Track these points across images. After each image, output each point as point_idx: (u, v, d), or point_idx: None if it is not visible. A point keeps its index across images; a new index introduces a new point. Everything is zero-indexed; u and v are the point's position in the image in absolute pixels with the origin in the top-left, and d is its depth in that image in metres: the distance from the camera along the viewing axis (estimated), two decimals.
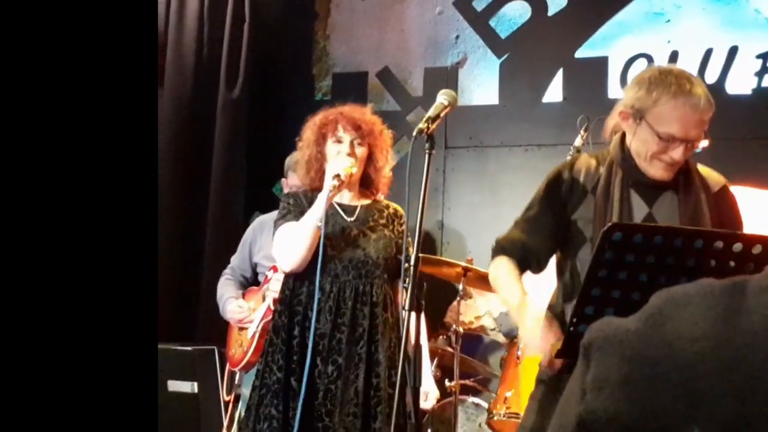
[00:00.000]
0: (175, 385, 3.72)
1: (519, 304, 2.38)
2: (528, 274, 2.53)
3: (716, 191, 2.43)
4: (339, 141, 3.15)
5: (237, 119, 5.12)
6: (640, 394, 1.07)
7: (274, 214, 3.33)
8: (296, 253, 3.04)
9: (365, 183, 3.25)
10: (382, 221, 3.19)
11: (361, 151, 3.16)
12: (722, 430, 1.04)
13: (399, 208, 3.27)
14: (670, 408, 1.06)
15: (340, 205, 3.19)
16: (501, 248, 2.53)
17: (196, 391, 3.70)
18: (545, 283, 2.61)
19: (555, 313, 2.44)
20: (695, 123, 2.28)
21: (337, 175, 3.03)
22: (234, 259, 4.11)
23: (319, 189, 3.12)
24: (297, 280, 3.13)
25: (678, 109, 2.27)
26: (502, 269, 2.50)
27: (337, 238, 3.12)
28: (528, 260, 2.50)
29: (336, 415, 2.95)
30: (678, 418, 1.06)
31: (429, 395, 3.27)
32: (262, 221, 4.07)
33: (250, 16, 5.16)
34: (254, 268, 4.03)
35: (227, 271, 4.11)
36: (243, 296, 3.97)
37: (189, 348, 3.87)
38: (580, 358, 1.16)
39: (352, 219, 3.18)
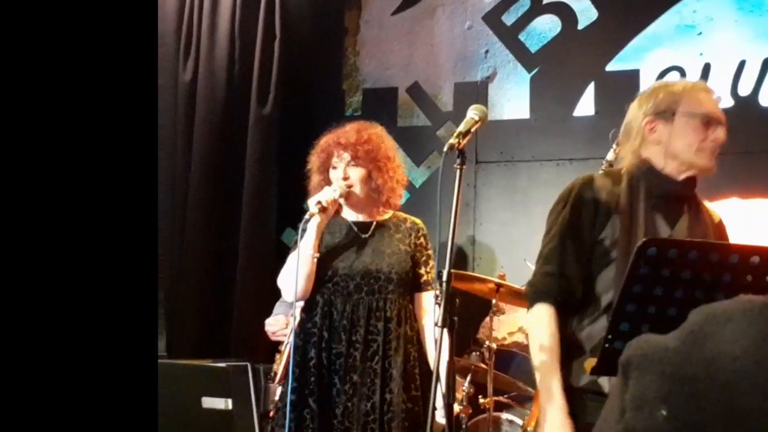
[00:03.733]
0: (210, 402, 3.72)
1: (547, 387, 2.27)
2: None
3: (717, 222, 2.50)
4: (334, 167, 3.23)
5: (268, 135, 5.14)
6: (680, 413, 1.06)
7: None
8: (297, 284, 3.07)
9: (374, 200, 3.26)
10: (399, 235, 3.22)
11: (356, 171, 3.20)
12: None
13: (418, 221, 3.30)
14: (710, 426, 1.05)
15: (355, 223, 3.25)
16: (536, 294, 2.38)
17: (230, 407, 3.69)
18: None
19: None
20: (717, 106, 2.45)
21: (319, 202, 3.08)
22: None
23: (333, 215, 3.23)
24: (312, 303, 3.18)
25: (702, 92, 2.44)
26: (539, 330, 2.35)
27: (350, 256, 3.18)
28: (568, 297, 2.35)
29: None
30: None
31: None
32: None
33: (281, 33, 5.19)
34: None
35: None
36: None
37: (223, 364, 3.88)
38: (618, 376, 1.15)
39: (367, 236, 3.23)
